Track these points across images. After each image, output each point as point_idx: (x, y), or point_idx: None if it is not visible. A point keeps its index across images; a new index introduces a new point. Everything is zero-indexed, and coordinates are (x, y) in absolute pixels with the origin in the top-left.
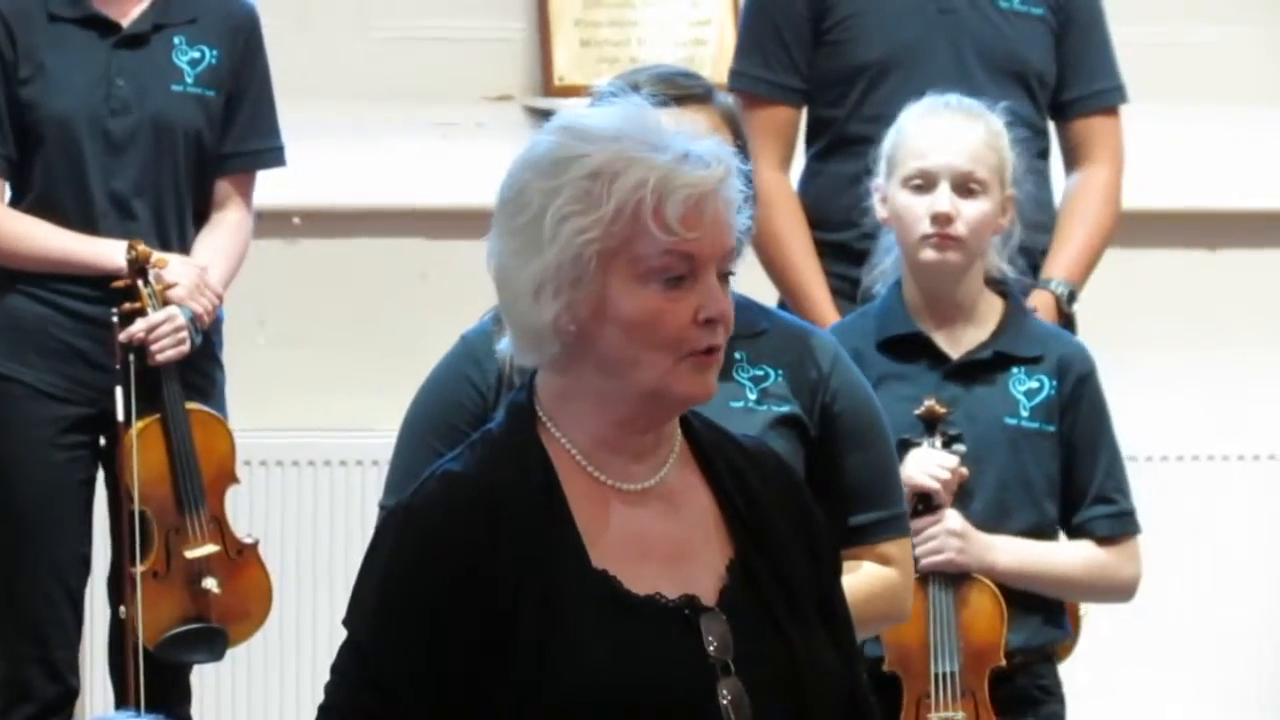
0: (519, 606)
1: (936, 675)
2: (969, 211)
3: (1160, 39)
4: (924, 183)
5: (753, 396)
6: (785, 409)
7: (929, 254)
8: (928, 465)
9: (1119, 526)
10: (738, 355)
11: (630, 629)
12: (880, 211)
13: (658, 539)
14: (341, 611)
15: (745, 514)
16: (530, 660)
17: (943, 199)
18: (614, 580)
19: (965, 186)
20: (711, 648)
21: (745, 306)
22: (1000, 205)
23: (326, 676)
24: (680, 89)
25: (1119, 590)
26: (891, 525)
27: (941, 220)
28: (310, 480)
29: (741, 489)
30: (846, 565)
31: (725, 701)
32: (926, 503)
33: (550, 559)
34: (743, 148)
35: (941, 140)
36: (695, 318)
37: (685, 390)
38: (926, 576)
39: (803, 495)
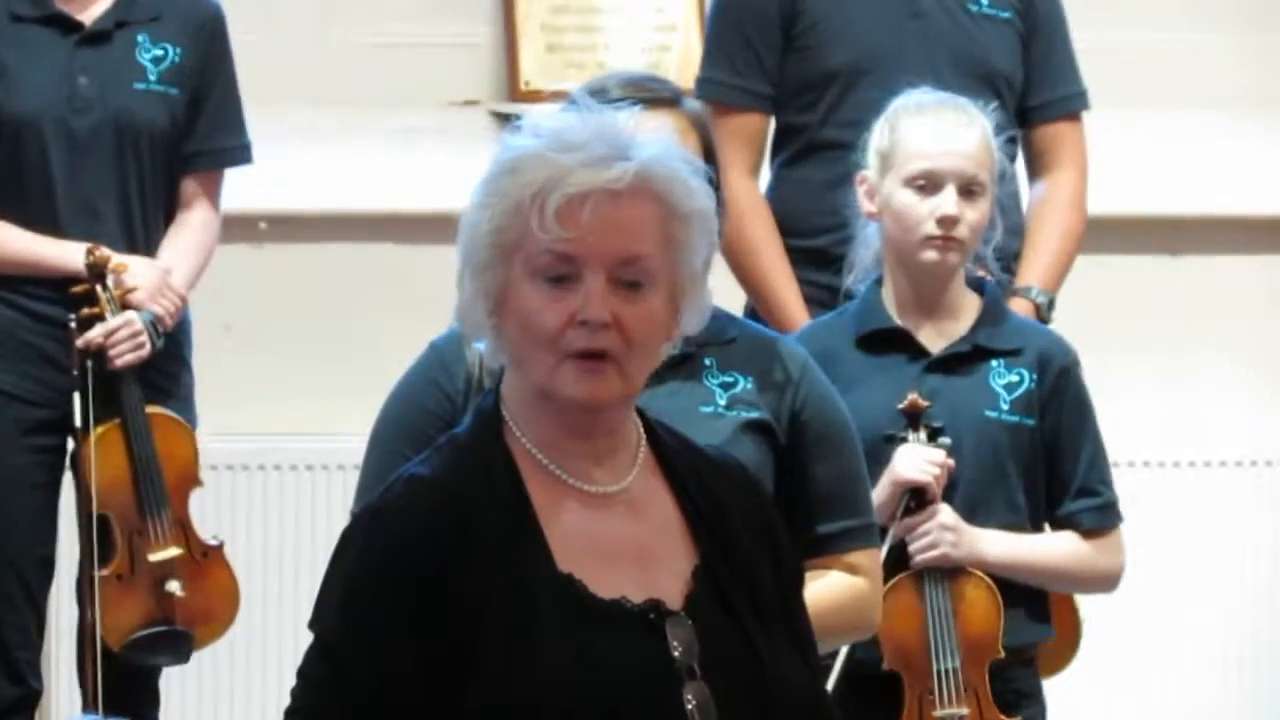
0: (485, 609)
1: (938, 672)
2: (971, 215)
3: (1122, 44)
4: (928, 183)
5: (722, 402)
6: (755, 414)
7: (931, 255)
8: (919, 461)
9: (1104, 518)
10: (707, 362)
11: (595, 633)
12: (867, 205)
13: (623, 543)
14: (307, 616)
15: (710, 522)
16: (496, 663)
17: (949, 202)
18: (579, 583)
19: (968, 189)
20: (677, 652)
21: (714, 316)
22: (991, 204)
23: (292, 681)
24: (648, 92)
25: (1104, 581)
26: (860, 535)
27: (948, 224)
28: (276, 485)
29: (707, 497)
30: (814, 574)
31: (690, 706)
32: (919, 498)
33: (516, 561)
34: (709, 154)
35: (946, 142)
36: (573, 320)
37: (565, 392)
38: (921, 573)
39: (767, 507)
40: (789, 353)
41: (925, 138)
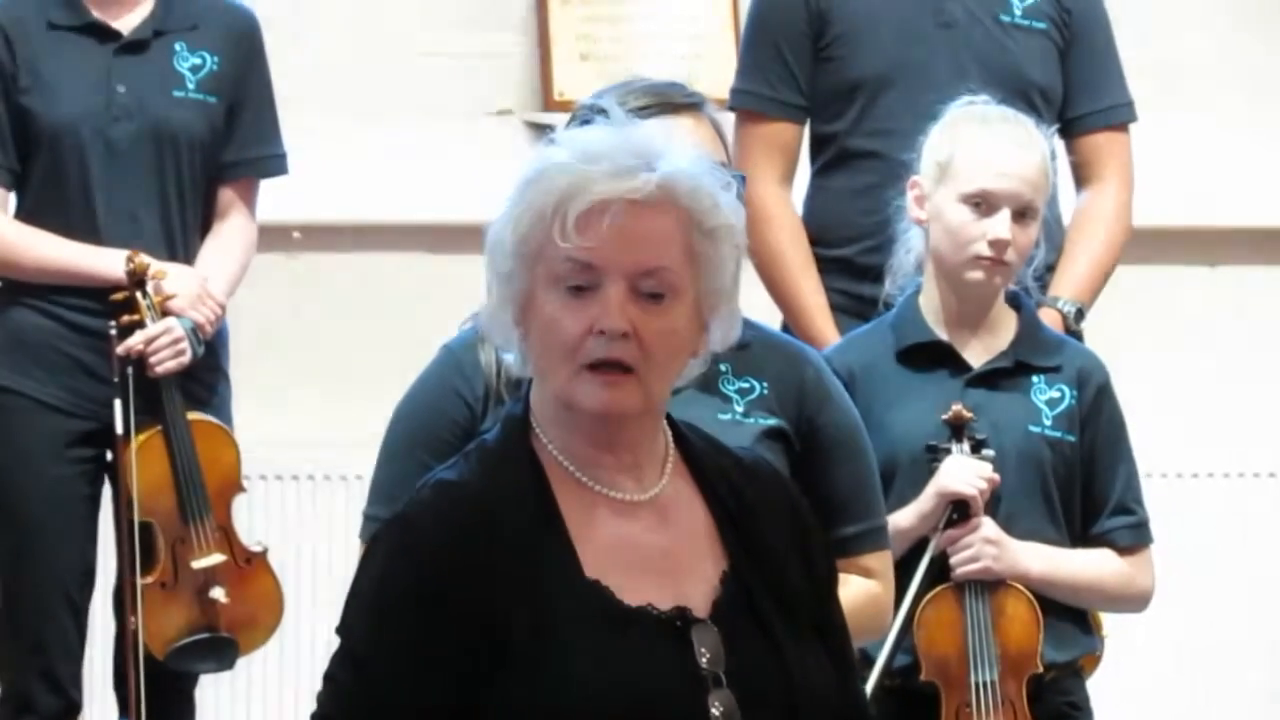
0: (511, 616)
1: (976, 684)
2: (1022, 239)
3: (1158, 53)
4: (983, 204)
5: (740, 409)
6: (772, 422)
7: (977, 275)
8: (966, 474)
9: (1138, 537)
10: (723, 367)
11: (622, 640)
12: (915, 211)
13: (650, 550)
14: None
15: (739, 525)
16: (522, 670)
17: (1003, 226)
18: (606, 591)
19: (1021, 213)
20: (703, 660)
21: None
22: (1040, 226)
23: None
24: (666, 98)
25: (1137, 599)
26: (873, 538)
27: (999, 247)
28: (310, 495)
29: (736, 501)
30: None
31: (717, 714)
32: (962, 511)
33: (543, 569)
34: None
35: (1007, 164)
36: (592, 329)
37: (583, 403)
38: (962, 585)
39: (799, 508)
40: (802, 356)
41: (987, 157)
